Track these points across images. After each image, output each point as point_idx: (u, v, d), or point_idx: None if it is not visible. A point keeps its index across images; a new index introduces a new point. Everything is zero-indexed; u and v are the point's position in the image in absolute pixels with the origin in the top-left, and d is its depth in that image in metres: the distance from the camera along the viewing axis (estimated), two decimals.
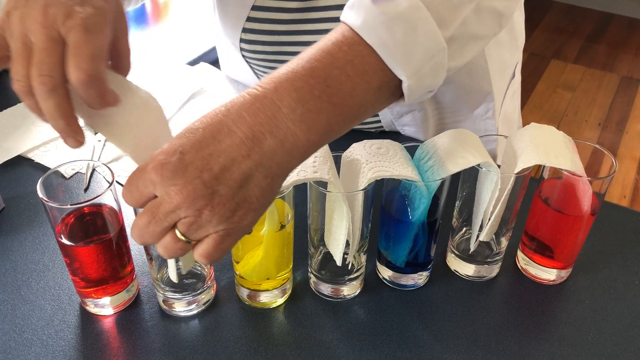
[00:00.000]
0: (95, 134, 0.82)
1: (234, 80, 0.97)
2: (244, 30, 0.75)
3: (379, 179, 0.53)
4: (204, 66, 1.01)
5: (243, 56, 0.81)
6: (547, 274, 0.64)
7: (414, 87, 0.48)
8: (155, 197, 0.41)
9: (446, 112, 0.83)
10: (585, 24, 3.32)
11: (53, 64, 0.42)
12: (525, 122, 0.58)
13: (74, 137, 0.44)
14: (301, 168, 0.52)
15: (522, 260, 0.65)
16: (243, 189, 0.41)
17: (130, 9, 0.74)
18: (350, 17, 0.46)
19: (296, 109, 0.42)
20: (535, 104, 2.65)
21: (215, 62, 1.01)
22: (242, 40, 0.76)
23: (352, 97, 0.45)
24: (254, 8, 0.72)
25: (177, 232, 0.42)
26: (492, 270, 0.65)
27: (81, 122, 0.45)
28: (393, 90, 0.48)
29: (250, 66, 0.83)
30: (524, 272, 0.65)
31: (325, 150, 0.55)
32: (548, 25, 3.30)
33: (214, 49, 1.01)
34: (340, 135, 0.47)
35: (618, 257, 0.68)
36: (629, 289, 0.64)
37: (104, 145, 0.79)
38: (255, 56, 0.79)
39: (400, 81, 0.47)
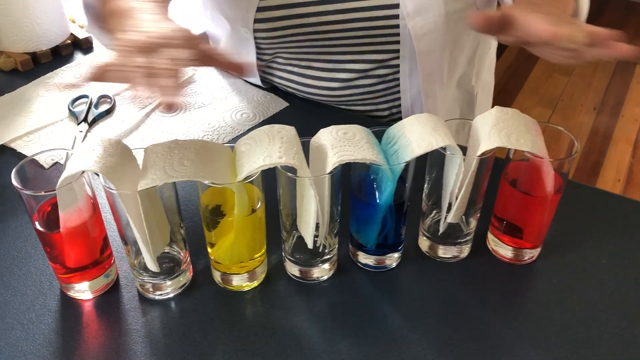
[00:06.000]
0: (79, 123, 0.84)
1: None
2: (259, 9, 0.77)
3: (343, 163, 0.54)
4: None
5: (255, 38, 0.83)
6: (516, 254, 0.65)
7: None
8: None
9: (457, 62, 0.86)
10: None
11: None
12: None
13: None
14: (267, 154, 0.53)
15: (492, 242, 0.67)
16: None
17: None
18: None
19: None
20: (530, 89, 2.65)
21: None
22: (256, 21, 0.78)
23: None
24: None
25: None
26: (462, 251, 0.66)
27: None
28: None
29: (260, 48, 0.86)
30: (494, 253, 0.67)
31: (292, 135, 0.56)
32: None
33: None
34: None
35: (588, 237, 0.69)
36: (597, 267, 0.65)
37: (85, 135, 0.81)
38: (271, 34, 0.81)
39: None
